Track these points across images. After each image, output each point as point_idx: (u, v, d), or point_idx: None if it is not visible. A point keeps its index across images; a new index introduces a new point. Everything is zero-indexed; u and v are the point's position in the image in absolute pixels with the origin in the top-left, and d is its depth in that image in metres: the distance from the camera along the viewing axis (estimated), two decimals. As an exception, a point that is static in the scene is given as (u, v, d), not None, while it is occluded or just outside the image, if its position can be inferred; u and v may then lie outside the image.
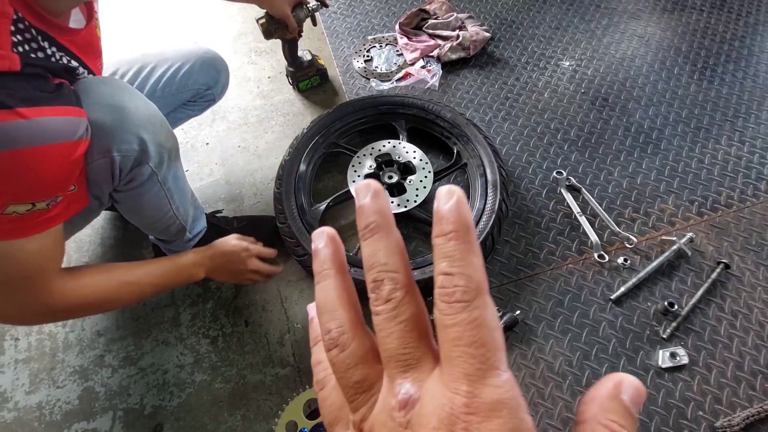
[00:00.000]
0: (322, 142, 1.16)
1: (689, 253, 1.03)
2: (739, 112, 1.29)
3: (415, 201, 1.04)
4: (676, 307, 0.95)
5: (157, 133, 0.69)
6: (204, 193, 1.19)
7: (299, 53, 1.29)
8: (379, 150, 1.12)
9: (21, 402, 0.93)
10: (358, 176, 1.09)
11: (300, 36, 1.22)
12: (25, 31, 0.49)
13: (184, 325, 1.00)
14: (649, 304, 0.98)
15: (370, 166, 1.10)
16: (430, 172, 1.08)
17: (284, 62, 1.36)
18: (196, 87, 1.00)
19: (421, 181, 1.07)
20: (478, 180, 1.07)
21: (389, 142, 1.13)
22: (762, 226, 1.08)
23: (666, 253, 1.02)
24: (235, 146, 1.28)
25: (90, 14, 0.65)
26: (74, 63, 0.62)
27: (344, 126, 1.18)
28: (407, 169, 1.11)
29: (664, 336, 0.94)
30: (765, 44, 1.45)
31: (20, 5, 0.49)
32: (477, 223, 1.01)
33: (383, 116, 1.20)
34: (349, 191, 1.09)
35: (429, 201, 1.06)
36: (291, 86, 1.38)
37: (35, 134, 0.49)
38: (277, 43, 1.30)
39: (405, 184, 1.07)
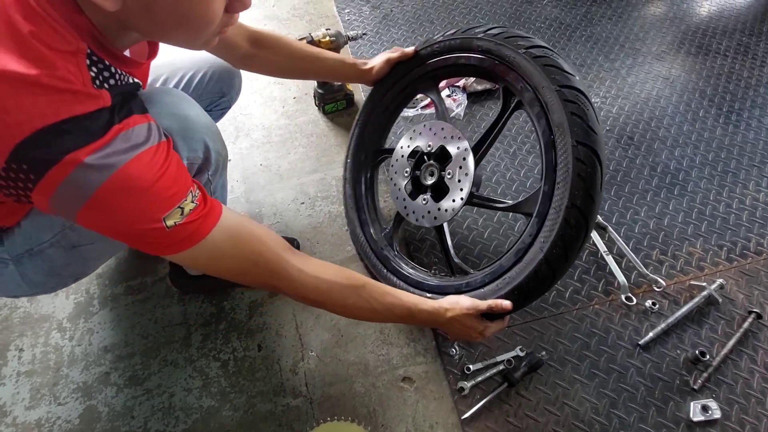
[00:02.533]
0: (408, 85, 1.01)
1: (720, 300, 0.99)
2: (766, 157, 1.28)
3: (417, 220, 0.92)
4: (707, 356, 0.91)
5: (216, 141, 0.71)
6: (223, 209, 1.18)
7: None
8: (447, 138, 0.90)
9: (20, 417, 0.89)
10: (409, 147, 0.96)
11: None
12: (98, 62, 0.50)
13: (194, 346, 0.97)
14: (678, 351, 0.94)
15: (429, 146, 0.93)
16: (457, 207, 0.87)
17: (309, 84, 1.37)
18: (211, 96, 0.98)
19: (439, 209, 0.89)
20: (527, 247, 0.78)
21: (461, 144, 0.88)
22: (794, 276, 1.05)
23: (696, 299, 0.99)
24: (257, 164, 1.27)
25: (154, 50, 0.64)
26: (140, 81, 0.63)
27: (449, 67, 0.95)
28: (444, 189, 0.90)
29: (695, 387, 0.89)
30: (791, 92, 1.45)
31: (89, 38, 0.49)
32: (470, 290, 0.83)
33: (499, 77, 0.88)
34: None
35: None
36: (316, 107, 1.39)
37: (127, 149, 0.49)
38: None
39: (420, 198, 0.92)
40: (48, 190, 0.47)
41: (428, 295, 0.87)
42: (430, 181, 0.92)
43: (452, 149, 0.89)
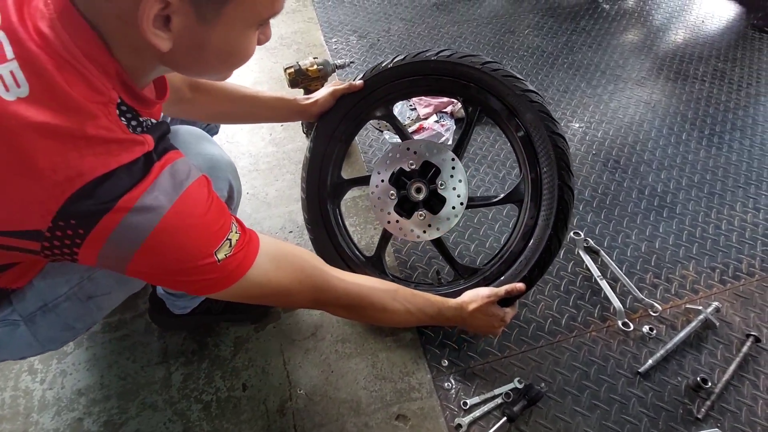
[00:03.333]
0: (360, 113, 0.97)
1: (717, 324, 0.98)
2: (750, 179, 1.30)
3: (418, 237, 0.90)
4: (709, 383, 0.89)
5: (236, 179, 0.73)
6: (208, 240, 1.14)
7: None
8: (429, 152, 0.92)
9: (-18, 472, 0.82)
10: (386, 171, 0.93)
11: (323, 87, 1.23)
12: (127, 111, 0.49)
13: (175, 387, 0.91)
14: (679, 378, 0.91)
15: (410, 165, 0.92)
16: (456, 216, 0.90)
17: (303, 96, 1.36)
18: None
19: (440, 219, 0.90)
20: (519, 239, 0.89)
21: (445, 153, 0.91)
22: (788, 297, 1.05)
23: (693, 324, 0.97)
24: (243, 193, 1.24)
25: (165, 86, 0.63)
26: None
27: (405, 89, 0.97)
28: (439, 199, 0.92)
29: (699, 416, 0.87)
30: (768, 115, 1.50)
31: (119, 85, 0.48)
32: (488, 284, 0.89)
33: (460, 90, 0.95)
34: (366, 178, 0.95)
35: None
36: (304, 135, 1.38)
37: (173, 186, 0.48)
38: (291, 93, 1.31)
39: (415, 214, 0.91)
40: (99, 242, 0.45)
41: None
42: (421, 196, 0.92)
43: (437, 161, 0.92)
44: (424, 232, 0.91)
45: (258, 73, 1.61)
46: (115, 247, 0.46)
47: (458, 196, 0.90)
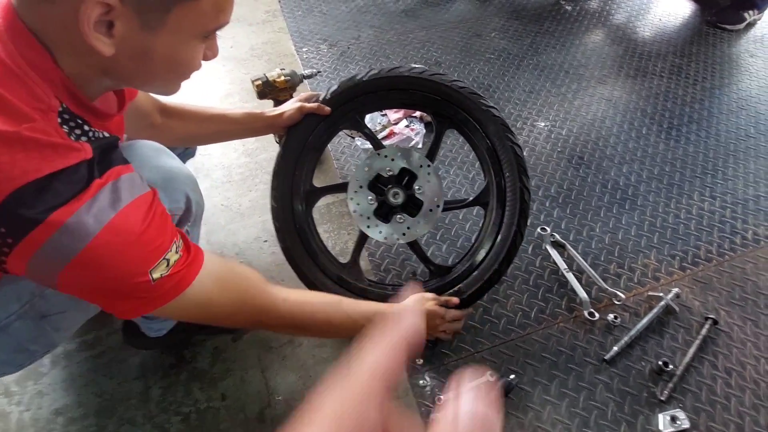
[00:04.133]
0: (342, 117, 1.00)
1: (677, 309, 1.03)
2: (706, 169, 1.36)
3: (397, 239, 0.96)
4: (670, 366, 0.93)
5: (196, 192, 0.73)
6: (183, 253, 1.15)
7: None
8: (405, 159, 0.96)
9: (-43, 499, 0.82)
10: (366, 178, 0.96)
11: (292, 98, 1.25)
12: (70, 120, 0.49)
13: (153, 401, 0.92)
14: (643, 363, 0.96)
15: (388, 171, 0.96)
16: (433, 218, 0.96)
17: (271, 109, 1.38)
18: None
19: (418, 221, 0.95)
20: (486, 235, 0.97)
21: (419, 158, 0.96)
22: (743, 280, 1.10)
23: (654, 310, 1.02)
24: (217, 204, 1.26)
25: (123, 101, 0.64)
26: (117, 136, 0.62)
27: (376, 102, 1.02)
28: (415, 203, 0.97)
29: (662, 398, 0.91)
30: (722, 106, 1.57)
31: (64, 93, 0.48)
32: (461, 281, 0.95)
33: (430, 104, 1.01)
34: (344, 185, 0.98)
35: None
36: (277, 143, 1.40)
37: (114, 202, 0.48)
38: (262, 104, 1.33)
39: (394, 218, 0.96)
40: (27, 254, 0.45)
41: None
42: (399, 201, 0.96)
43: (414, 167, 0.97)
44: (404, 234, 0.96)
45: (229, 85, 1.62)
46: (44, 260, 0.46)
47: (435, 199, 0.96)
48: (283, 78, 1.18)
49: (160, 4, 0.46)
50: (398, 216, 0.96)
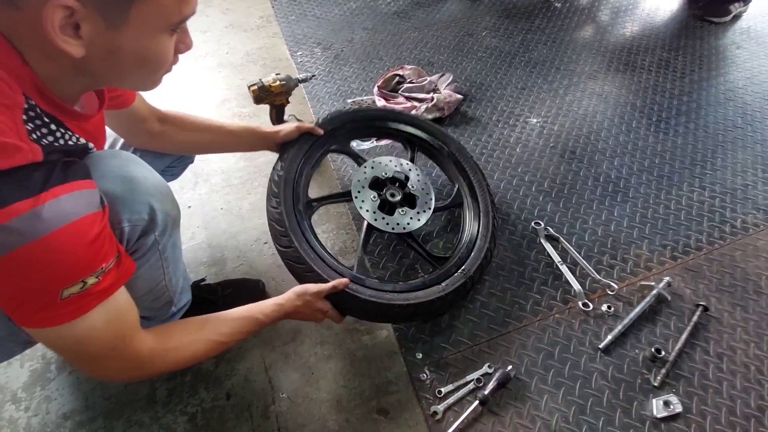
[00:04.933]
0: (333, 139, 1.14)
1: (669, 298, 1.05)
2: (695, 160, 1.39)
3: (404, 228, 1.03)
4: (663, 353, 0.96)
5: (165, 202, 0.70)
6: (185, 257, 1.16)
7: (285, 117, 1.34)
8: (396, 166, 1.12)
9: (-29, 503, 0.83)
10: (366, 179, 1.08)
11: (288, 102, 1.28)
12: (36, 118, 0.49)
13: (159, 402, 0.94)
14: (637, 351, 0.98)
15: (384, 174, 1.09)
16: (430, 209, 1.07)
17: (266, 126, 1.40)
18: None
19: (418, 212, 1.06)
20: (471, 224, 1.10)
21: (407, 164, 1.13)
22: (732, 267, 1.13)
23: (647, 299, 1.04)
24: (217, 209, 1.28)
25: (102, 100, 0.65)
26: (90, 144, 0.62)
27: (356, 130, 1.19)
28: (411, 198, 1.09)
29: (656, 384, 0.93)
30: (710, 98, 1.60)
31: (33, 91, 0.49)
32: (462, 263, 1.01)
33: (399, 133, 1.22)
34: (348, 193, 1.06)
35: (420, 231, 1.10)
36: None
37: (57, 216, 0.48)
38: (258, 108, 1.35)
39: (397, 211, 1.05)
40: None
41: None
42: (398, 197, 1.08)
43: (405, 171, 1.12)
44: (408, 224, 1.05)
45: (225, 91, 1.64)
46: None
47: (427, 194, 1.10)
48: (278, 82, 1.20)
49: (120, 1, 0.47)
50: (401, 209, 1.06)
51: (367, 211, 1.04)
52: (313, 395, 0.94)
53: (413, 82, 1.55)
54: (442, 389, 0.92)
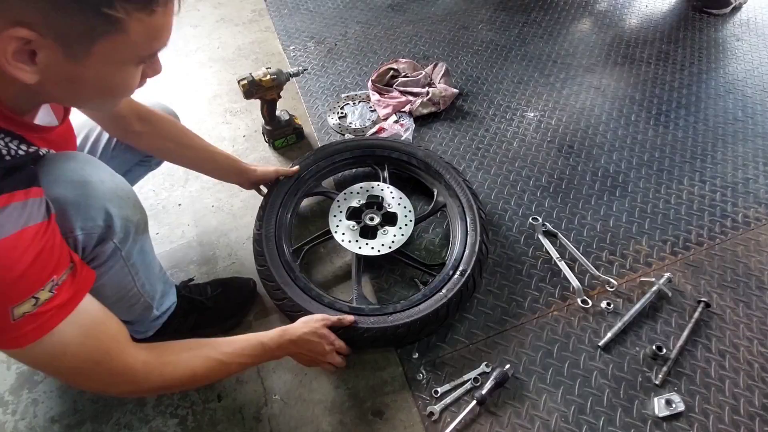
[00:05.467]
0: (303, 183, 1.16)
1: (669, 294, 1.03)
2: (695, 153, 1.36)
3: (390, 247, 1.03)
4: (664, 350, 0.94)
5: (124, 207, 0.66)
6: (175, 256, 1.14)
7: (277, 113, 1.31)
8: (367, 191, 1.13)
9: None
10: (341, 212, 1.09)
11: (279, 97, 1.25)
12: None
13: (149, 405, 0.91)
14: (637, 348, 0.96)
15: (358, 201, 1.11)
16: (411, 221, 1.08)
17: (258, 121, 1.38)
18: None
19: (400, 228, 1.07)
20: (458, 223, 1.08)
21: (378, 185, 1.14)
22: (734, 262, 1.11)
23: (647, 295, 1.02)
24: (208, 206, 1.25)
25: (66, 110, 0.63)
26: (42, 151, 0.59)
27: (326, 167, 1.20)
28: (390, 216, 1.09)
29: (657, 382, 0.91)
30: (710, 91, 1.57)
31: None
32: (458, 264, 1.00)
33: (365, 158, 1.23)
34: (329, 231, 1.06)
35: (408, 243, 1.08)
36: (267, 144, 1.39)
37: (5, 222, 0.46)
38: (250, 103, 1.32)
39: (379, 233, 1.06)
40: None
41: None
42: (377, 220, 1.08)
43: (378, 193, 1.13)
44: (393, 242, 1.04)
45: (216, 86, 1.61)
46: None
47: (405, 207, 1.10)
48: (269, 77, 1.17)
49: (83, 37, 0.44)
50: (381, 230, 1.06)
51: (350, 241, 1.04)
52: (307, 397, 0.91)
53: (408, 76, 1.52)
54: (439, 389, 0.90)
